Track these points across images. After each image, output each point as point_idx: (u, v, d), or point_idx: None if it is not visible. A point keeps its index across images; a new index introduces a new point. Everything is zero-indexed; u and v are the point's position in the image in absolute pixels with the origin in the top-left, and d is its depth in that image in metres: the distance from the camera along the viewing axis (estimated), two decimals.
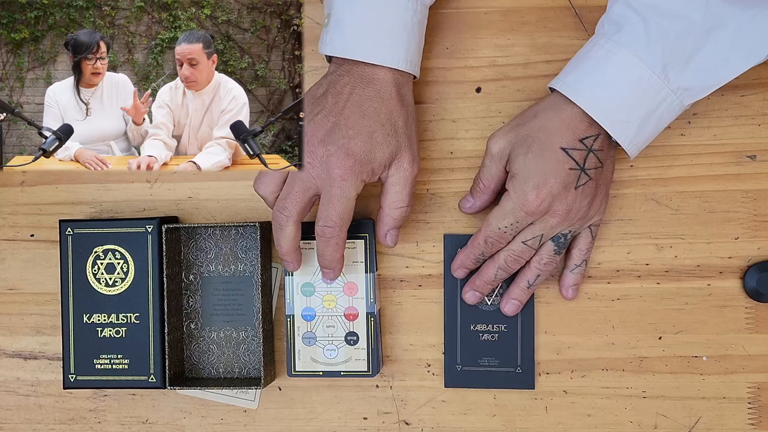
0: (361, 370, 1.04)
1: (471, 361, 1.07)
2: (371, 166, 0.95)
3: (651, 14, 0.93)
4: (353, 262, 1.04)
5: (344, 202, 0.95)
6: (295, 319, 1.05)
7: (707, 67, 0.94)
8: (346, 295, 1.04)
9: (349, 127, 0.95)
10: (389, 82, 0.97)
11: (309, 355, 1.04)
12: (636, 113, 0.95)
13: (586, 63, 0.96)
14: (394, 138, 0.96)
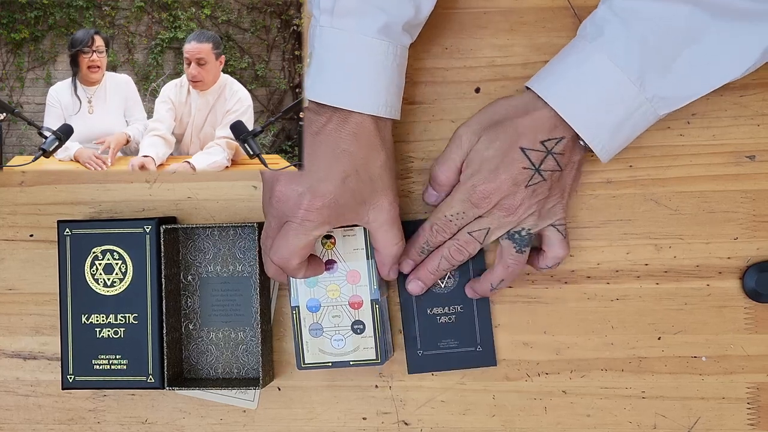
0: (369, 359, 1.03)
1: (431, 345, 1.07)
2: (340, 212, 0.94)
3: (633, 19, 0.92)
4: (354, 249, 1.02)
5: (300, 240, 0.93)
6: (300, 310, 1.03)
7: (684, 78, 0.94)
8: (350, 284, 1.02)
9: (321, 170, 0.93)
10: (368, 125, 0.95)
11: (317, 347, 1.02)
12: (610, 118, 0.94)
13: (562, 65, 0.96)
14: (368, 184, 0.95)
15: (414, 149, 1.08)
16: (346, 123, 0.94)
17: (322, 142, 0.94)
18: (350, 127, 0.94)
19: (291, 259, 0.94)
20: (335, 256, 1.02)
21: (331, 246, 1.02)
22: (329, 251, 1.02)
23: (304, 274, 0.98)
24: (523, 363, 1.08)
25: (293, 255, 0.94)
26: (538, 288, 1.07)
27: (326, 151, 0.94)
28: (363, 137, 0.95)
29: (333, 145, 0.94)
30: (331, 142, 0.94)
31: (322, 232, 0.94)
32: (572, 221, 1.06)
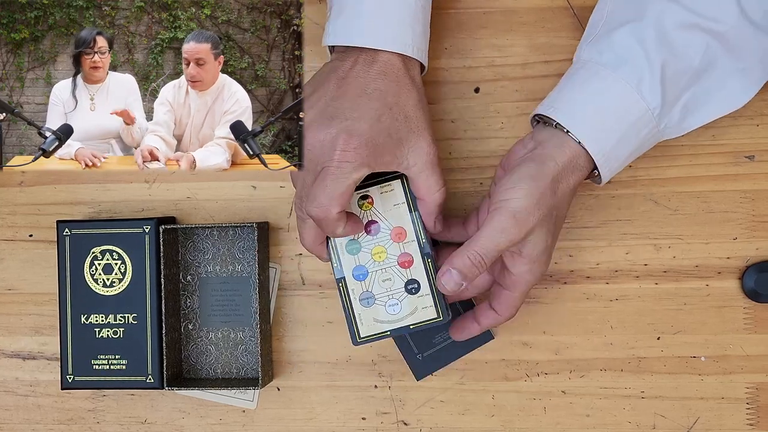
0: (430, 318, 0.95)
1: (426, 345, 1.07)
2: (377, 152, 0.89)
3: (654, 50, 0.91)
4: (394, 205, 0.96)
5: (339, 184, 0.88)
6: (347, 281, 0.96)
7: (690, 107, 0.95)
8: (396, 242, 0.95)
9: (353, 110, 0.89)
10: (396, 63, 0.92)
11: (371, 317, 0.95)
12: (625, 150, 0.94)
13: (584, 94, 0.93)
14: (404, 123, 0.91)
15: None
16: (374, 63, 0.92)
17: (350, 84, 0.91)
18: (378, 66, 0.92)
19: (330, 207, 0.88)
20: (375, 215, 0.96)
21: (369, 206, 0.96)
22: (368, 212, 0.96)
23: (344, 230, 0.91)
24: (522, 363, 1.08)
25: (332, 202, 0.88)
26: (538, 288, 1.07)
27: (356, 92, 0.91)
28: (392, 75, 0.92)
29: (362, 85, 0.91)
30: (360, 83, 0.91)
31: (361, 175, 0.88)
32: (572, 221, 1.06)
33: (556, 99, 0.95)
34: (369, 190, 0.96)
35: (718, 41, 0.92)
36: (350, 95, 0.91)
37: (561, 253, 1.06)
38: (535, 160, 0.91)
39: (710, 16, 0.92)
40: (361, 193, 0.95)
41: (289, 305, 1.10)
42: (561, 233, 1.01)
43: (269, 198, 1.10)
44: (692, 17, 0.91)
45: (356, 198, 0.96)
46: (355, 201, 0.96)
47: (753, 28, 0.92)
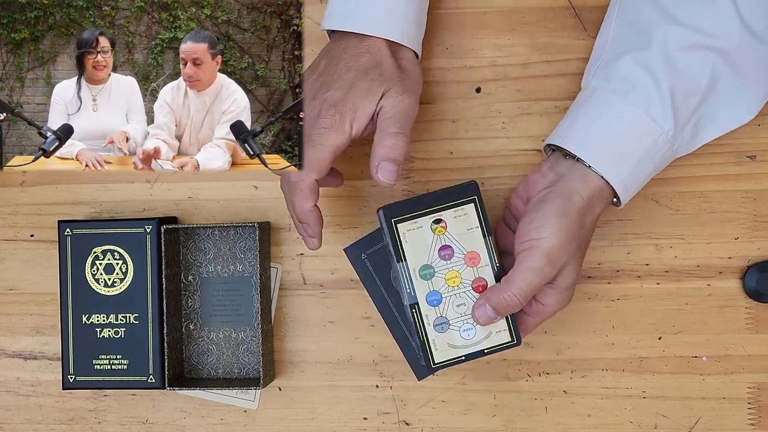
0: (505, 342, 0.95)
1: None
2: (353, 113, 0.92)
3: (661, 73, 0.92)
4: (468, 229, 0.94)
5: (319, 149, 0.91)
6: (420, 307, 0.94)
7: (700, 124, 0.95)
8: (470, 267, 0.95)
9: (333, 82, 0.94)
10: (383, 50, 0.95)
11: (445, 342, 0.95)
12: (643, 174, 0.95)
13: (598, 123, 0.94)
14: (378, 82, 0.93)
15: (414, 149, 1.08)
16: (361, 45, 0.95)
17: (337, 63, 0.95)
18: (365, 48, 0.95)
19: (307, 172, 0.92)
20: (449, 240, 0.95)
21: (443, 230, 0.95)
22: (441, 236, 0.95)
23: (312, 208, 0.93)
24: (523, 363, 1.08)
25: (309, 167, 0.91)
26: None
27: (340, 67, 0.94)
28: (376, 54, 0.95)
29: (346, 61, 0.95)
30: (345, 60, 0.95)
31: (339, 141, 0.92)
32: None
33: (570, 128, 0.95)
34: (442, 215, 0.94)
35: (723, 58, 0.93)
36: (334, 70, 0.94)
37: None
38: (561, 196, 0.92)
39: (713, 34, 0.92)
40: (435, 217, 0.94)
41: (291, 305, 1.10)
42: None
43: (270, 198, 1.10)
44: (696, 37, 0.92)
45: (429, 222, 0.94)
46: (428, 225, 0.94)
47: (756, 42, 0.93)
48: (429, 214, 0.94)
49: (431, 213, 0.94)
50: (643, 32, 0.94)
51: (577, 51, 1.05)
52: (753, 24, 0.92)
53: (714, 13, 0.92)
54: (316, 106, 0.93)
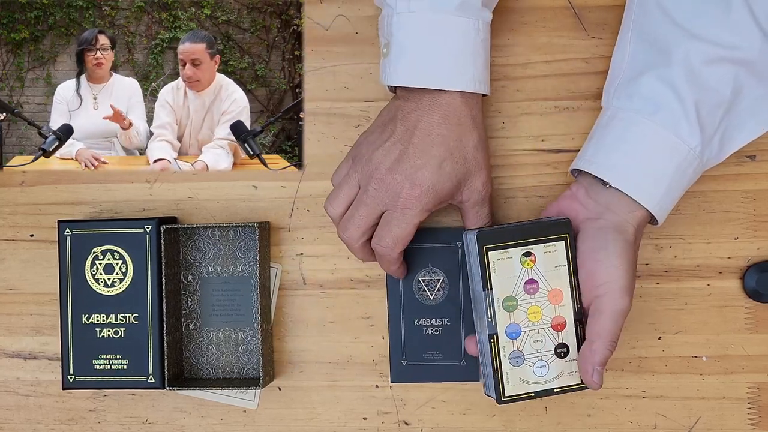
0: (576, 384, 0.95)
1: (416, 355, 1.07)
2: (438, 197, 0.94)
3: (687, 90, 0.91)
4: (555, 267, 0.95)
5: (402, 228, 0.94)
6: (499, 338, 0.94)
7: (726, 135, 0.95)
8: (552, 305, 0.95)
9: (417, 156, 0.93)
10: (458, 105, 0.94)
11: (518, 377, 0.94)
12: (677, 193, 0.95)
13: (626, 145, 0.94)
14: (462, 165, 0.95)
15: None
16: (435, 105, 0.94)
17: (416, 128, 0.94)
18: (440, 109, 0.94)
19: (394, 247, 0.95)
20: (536, 275, 0.95)
21: (531, 264, 0.95)
22: (529, 270, 0.95)
23: (397, 270, 1.02)
24: None
25: (397, 243, 0.95)
26: None
27: (420, 136, 0.94)
28: (454, 118, 0.94)
29: (427, 130, 0.94)
30: (424, 128, 0.94)
31: (422, 219, 0.95)
32: None
33: (597, 153, 0.96)
34: (533, 248, 0.94)
35: (744, 68, 0.92)
36: (415, 141, 0.94)
37: None
38: (618, 230, 0.94)
39: (734, 45, 0.91)
40: (525, 249, 0.94)
41: (290, 305, 1.10)
42: None
43: (270, 198, 1.09)
44: (717, 50, 0.91)
45: (520, 254, 0.94)
46: (518, 257, 0.94)
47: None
48: (520, 245, 0.94)
49: (523, 245, 0.94)
50: (662, 49, 0.93)
51: (577, 51, 1.05)
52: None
53: (731, 24, 0.91)
54: (399, 180, 0.93)
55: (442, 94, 0.94)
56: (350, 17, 1.08)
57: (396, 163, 0.94)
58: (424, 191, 0.93)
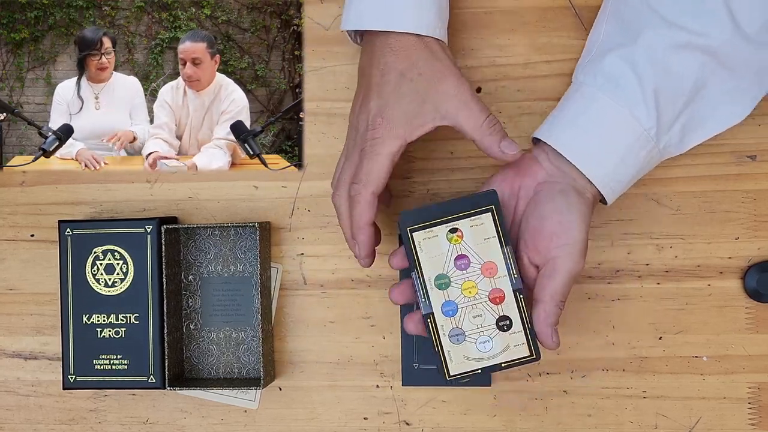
0: (523, 357, 0.92)
1: (427, 359, 1.07)
2: (406, 118, 0.91)
3: (648, 72, 0.92)
4: (484, 239, 0.92)
5: (374, 160, 0.91)
6: (435, 317, 0.92)
7: (689, 126, 0.96)
8: (487, 278, 0.92)
9: (376, 93, 0.92)
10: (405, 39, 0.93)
11: (461, 354, 0.92)
12: (628, 173, 0.95)
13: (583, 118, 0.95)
14: (420, 81, 0.91)
15: (415, 149, 1.08)
16: (386, 47, 0.93)
17: (371, 68, 0.94)
18: (391, 49, 0.93)
19: (367, 184, 0.91)
20: (465, 250, 0.93)
21: (459, 240, 0.92)
22: (457, 245, 0.93)
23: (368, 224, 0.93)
24: None
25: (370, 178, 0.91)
26: None
27: (371, 71, 0.93)
28: (401, 49, 0.93)
29: (379, 65, 0.93)
30: (377, 64, 0.93)
31: (394, 148, 0.91)
32: None
33: (555, 124, 0.97)
34: (458, 224, 0.92)
35: (712, 58, 0.93)
36: (369, 80, 0.93)
37: None
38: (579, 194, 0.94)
39: (703, 32, 0.92)
40: (451, 226, 0.93)
41: (291, 305, 1.10)
42: None
43: (271, 198, 1.10)
44: (685, 36, 0.92)
45: (445, 231, 0.93)
46: (444, 234, 0.93)
47: (746, 43, 0.93)
48: (445, 222, 0.92)
49: (447, 222, 0.92)
50: (633, 31, 0.94)
51: (577, 51, 1.05)
52: (746, 25, 0.92)
53: (704, 12, 0.92)
54: (362, 120, 0.93)
55: (391, 34, 0.93)
56: None
57: (360, 106, 0.94)
58: (387, 117, 0.91)
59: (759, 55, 0.93)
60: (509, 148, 0.92)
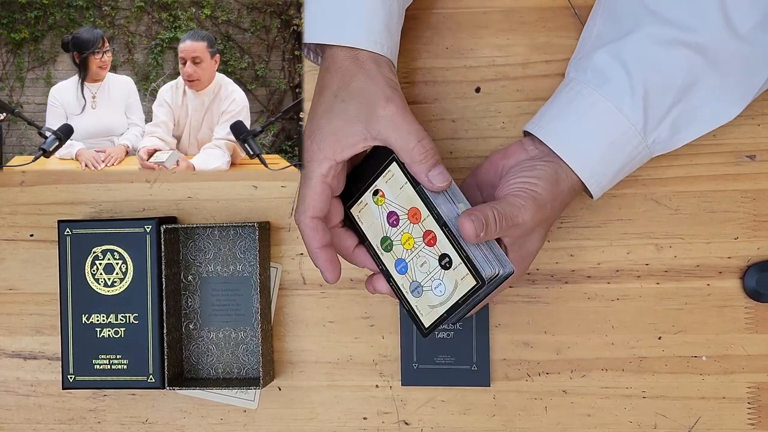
0: (471, 287, 0.88)
1: (427, 359, 1.07)
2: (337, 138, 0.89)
3: (635, 68, 0.93)
4: (400, 188, 0.91)
5: (307, 184, 0.89)
6: (395, 279, 0.93)
7: (679, 123, 0.96)
8: (415, 224, 0.91)
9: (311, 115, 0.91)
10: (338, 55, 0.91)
11: (426, 305, 0.91)
12: (613, 167, 0.95)
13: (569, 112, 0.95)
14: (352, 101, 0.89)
15: None
16: (325, 62, 0.92)
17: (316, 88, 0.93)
18: (325, 63, 0.92)
19: (303, 210, 0.89)
20: (390, 206, 0.92)
21: (382, 199, 0.92)
22: (383, 206, 0.92)
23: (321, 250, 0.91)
24: (523, 363, 1.07)
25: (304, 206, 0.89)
26: (539, 288, 1.07)
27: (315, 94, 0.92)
28: (335, 67, 0.91)
29: (318, 82, 0.92)
30: (318, 81, 0.93)
31: (324, 169, 0.89)
32: (573, 221, 1.06)
33: (543, 117, 0.97)
34: (377, 184, 0.92)
35: (701, 56, 0.93)
36: (314, 98, 0.92)
37: (562, 253, 1.06)
38: (554, 168, 0.94)
39: (693, 27, 0.92)
40: (372, 189, 0.93)
41: (290, 305, 1.10)
42: (562, 233, 1.05)
43: (270, 198, 1.10)
44: (675, 32, 0.92)
45: (370, 197, 0.93)
46: (370, 199, 0.93)
47: (737, 41, 0.93)
48: (366, 188, 0.93)
49: (368, 186, 0.93)
50: (624, 27, 0.95)
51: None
52: (738, 23, 0.92)
53: (695, 8, 0.92)
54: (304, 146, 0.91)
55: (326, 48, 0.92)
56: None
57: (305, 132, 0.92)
58: (316, 140, 0.89)
59: (750, 54, 0.93)
60: (437, 179, 0.89)
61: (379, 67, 0.91)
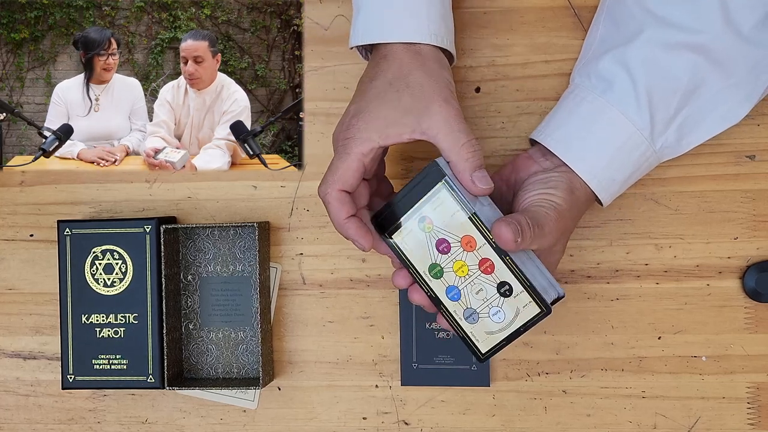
0: (535, 315, 0.89)
1: (426, 359, 1.07)
2: (383, 124, 0.89)
3: (639, 73, 0.93)
4: (451, 216, 0.90)
5: (341, 160, 0.89)
6: (445, 306, 0.92)
7: (686, 127, 0.96)
8: (470, 252, 0.90)
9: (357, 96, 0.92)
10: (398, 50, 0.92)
11: (482, 332, 0.91)
12: (622, 173, 0.96)
13: (575, 119, 0.96)
14: (407, 92, 0.90)
15: (415, 149, 1.08)
16: (382, 53, 0.93)
17: (363, 75, 0.94)
18: (386, 53, 0.92)
19: (333, 182, 0.89)
20: (440, 233, 0.91)
21: (430, 226, 0.91)
22: (431, 233, 0.91)
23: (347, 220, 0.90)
24: (523, 363, 1.07)
25: (334, 179, 0.89)
26: None
27: (364, 78, 0.93)
28: (393, 59, 0.92)
29: (369, 71, 0.93)
30: (369, 70, 0.93)
31: (365, 149, 0.89)
32: None
33: (549, 124, 0.98)
34: (423, 211, 0.91)
35: (705, 57, 0.93)
36: (362, 85, 0.93)
37: None
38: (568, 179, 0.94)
39: (695, 28, 0.92)
40: (418, 216, 0.91)
41: (290, 305, 1.10)
42: None
43: (270, 198, 1.10)
44: (678, 35, 0.92)
45: (416, 223, 0.91)
46: (416, 226, 0.92)
47: (740, 41, 0.93)
48: (411, 215, 0.92)
49: (413, 213, 0.92)
50: (627, 32, 0.95)
51: (576, 51, 1.05)
52: (740, 23, 0.92)
53: (695, 9, 0.92)
54: (343, 122, 0.91)
55: (381, 46, 0.93)
56: (350, 17, 1.08)
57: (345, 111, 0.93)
58: (363, 119, 0.89)
59: (753, 53, 0.93)
60: (481, 182, 0.89)
61: (441, 68, 0.93)
